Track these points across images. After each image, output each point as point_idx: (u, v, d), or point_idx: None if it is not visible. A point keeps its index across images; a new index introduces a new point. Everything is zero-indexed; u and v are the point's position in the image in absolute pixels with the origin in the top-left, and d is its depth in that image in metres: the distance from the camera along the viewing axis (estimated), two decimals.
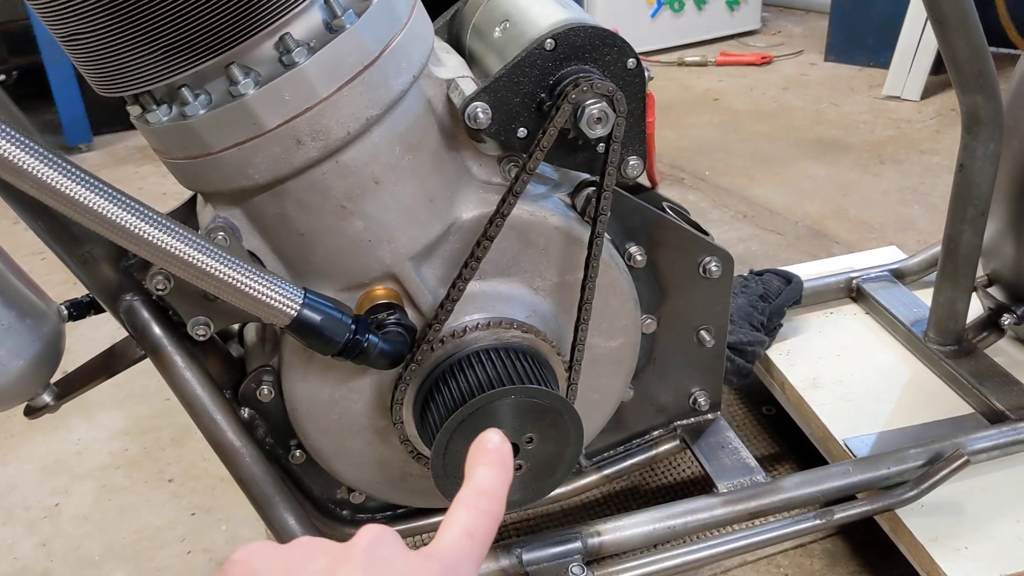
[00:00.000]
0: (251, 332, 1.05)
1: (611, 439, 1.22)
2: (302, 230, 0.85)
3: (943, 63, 1.18)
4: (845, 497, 1.16)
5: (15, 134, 0.68)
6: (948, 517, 1.14)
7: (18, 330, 0.83)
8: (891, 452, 1.18)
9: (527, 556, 1.06)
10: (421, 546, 0.42)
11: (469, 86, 0.88)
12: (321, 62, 0.77)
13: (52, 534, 1.44)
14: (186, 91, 0.77)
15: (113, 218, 0.72)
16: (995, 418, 1.27)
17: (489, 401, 0.88)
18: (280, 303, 0.80)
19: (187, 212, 0.97)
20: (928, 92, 3.03)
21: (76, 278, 0.90)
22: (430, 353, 0.93)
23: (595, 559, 1.10)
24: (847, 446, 1.25)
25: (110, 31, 0.73)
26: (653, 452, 1.23)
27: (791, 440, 1.48)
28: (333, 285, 0.89)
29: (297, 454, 1.05)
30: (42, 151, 0.69)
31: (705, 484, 1.20)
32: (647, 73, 0.92)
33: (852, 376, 1.40)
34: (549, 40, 0.87)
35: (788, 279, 1.48)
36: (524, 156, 0.88)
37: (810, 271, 1.59)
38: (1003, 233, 1.35)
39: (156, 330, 0.92)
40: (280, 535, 0.98)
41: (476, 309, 0.95)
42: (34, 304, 0.87)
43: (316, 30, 0.78)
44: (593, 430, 1.12)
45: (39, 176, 0.69)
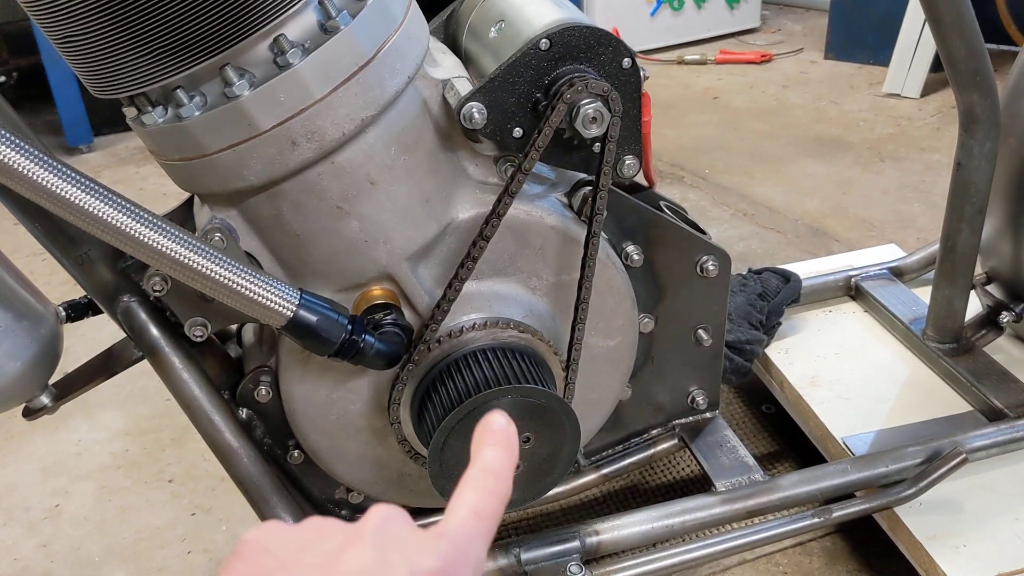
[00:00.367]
0: (249, 333, 1.05)
1: (609, 438, 1.22)
2: (298, 231, 0.86)
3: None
4: (844, 495, 1.16)
5: (11, 137, 0.69)
6: (946, 515, 1.14)
7: (15, 332, 0.84)
8: (889, 450, 1.18)
9: (525, 555, 1.06)
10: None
11: (465, 86, 0.88)
12: (316, 63, 0.77)
13: (52, 535, 1.44)
14: (181, 93, 0.77)
15: (109, 220, 0.72)
16: (993, 416, 1.27)
17: (486, 401, 0.88)
18: (276, 304, 0.80)
19: (184, 213, 0.97)
20: (928, 89, 3.02)
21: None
22: (427, 353, 0.93)
23: (593, 558, 1.10)
24: (845, 444, 1.25)
25: (104, 33, 0.74)
26: (651, 451, 1.23)
27: (790, 439, 1.48)
28: (330, 286, 0.90)
29: (295, 454, 1.05)
30: (38, 154, 0.70)
31: (703, 483, 1.20)
32: (642, 72, 0.92)
33: (851, 374, 1.40)
34: (544, 40, 0.87)
35: (787, 277, 1.48)
36: (520, 156, 0.88)
37: (809, 269, 1.59)
38: (1001, 231, 1.35)
39: (154, 331, 0.92)
40: None
41: (473, 309, 0.95)
42: (31, 306, 0.87)
43: (311, 31, 0.78)
44: (591, 429, 1.12)
45: (35, 179, 0.69)
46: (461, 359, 0.93)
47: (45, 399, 0.91)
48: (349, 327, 0.84)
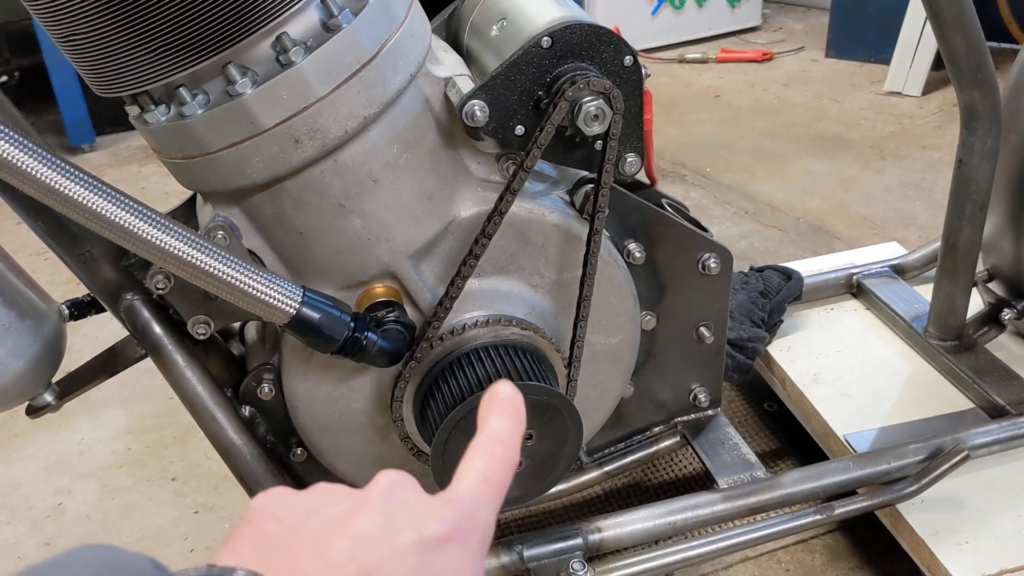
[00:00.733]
0: (251, 331, 1.06)
1: (612, 436, 1.22)
2: (301, 229, 0.86)
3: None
4: (846, 492, 1.16)
5: (13, 134, 0.69)
6: (949, 512, 1.14)
7: (18, 330, 0.84)
8: (891, 447, 1.18)
9: (528, 552, 1.06)
10: None
11: (467, 84, 0.88)
12: (318, 61, 0.77)
13: (56, 533, 1.44)
14: (184, 91, 0.78)
15: (113, 218, 0.72)
16: (995, 413, 1.27)
17: None
18: (279, 301, 0.80)
19: (187, 212, 0.97)
20: (929, 88, 3.02)
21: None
22: (429, 351, 0.93)
23: (596, 555, 1.10)
24: (847, 442, 1.25)
25: (107, 31, 0.74)
26: (654, 448, 1.24)
27: (792, 436, 1.48)
28: (332, 283, 0.90)
29: (298, 452, 1.05)
30: (41, 151, 0.70)
31: (706, 480, 1.20)
32: (644, 70, 0.92)
33: (852, 372, 1.40)
34: (546, 38, 0.87)
35: (788, 275, 1.48)
36: (522, 154, 0.88)
37: (811, 267, 1.60)
38: (1002, 228, 1.35)
39: (157, 329, 0.93)
40: None
41: (475, 307, 0.95)
42: (35, 304, 0.87)
43: (313, 29, 0.78)
44: (593, 427, 1.13)
45: (38, 177, 0.70)
46: (463, 356, 0.93)
47: (48, 397, 0.91)
48: (352, 324, 0.84)
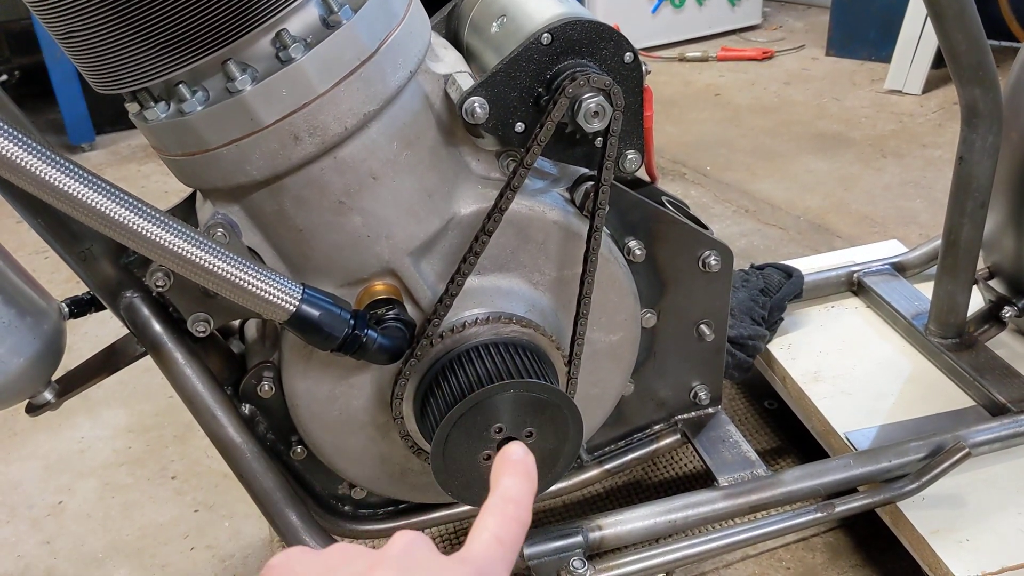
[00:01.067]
0: (251, 328, 1.05)
1: (612, 433, 1.22)
2: (300, 226, 0.86)
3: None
4: (846, 490, 1.16)
5: (13, 132, 0.69)
6: (949, 510, 1.14)
7: (18, 328, 0.84)
8: (892, 445, 1.18)
9: (528, 550, 1.06)
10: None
11: (467, 81, 0.88)
12: (318, 58, 0.77)
13: (56, 532, 1.44)
14: (183, 88, 0.77)
15: (112, 215, 0.72)
16: (996, 410, 1.27)
17: (489, 396, 0.88)
18: (279, 299, 0.80)
19: (187, 209, 0.97)
20: (930, 86, 3.02)
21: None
22: (429, 348, 0.93)
23: (596, 553, 1.10)
24: (848, 439, 1.25)
25: (107, 28, 0.74)
26: (654, 446, 1.24)
27: (792, 434, 1.48)
28: (332, 281, 0.90)
29: (298, 450, 1.05)
30: (41, 149, 0.70)
31: (706, 478, 1.20)
32: (644, 67, 0.92)
33: (853, 370, 1.40)
34: (546, 35, 0.87)
35: (789, 273, 1.48)
36: (522, 151, 0.88)
37: (811, 265, 1.59)
38: (1003, 226, 1.35)
39: (156, 327, 0.92)
40: (282, 531, 0.99)
41: (475, 304, 0.95)
42: (34, 302, 0.87)
43: (313, 26, 0.78)
44: (593, 424, 1.12)
45: (38, 174, 0.69)
46: (464, 354, 0.93)
47: (48, 395, 0.91)
48: (352, 322, 0.84)
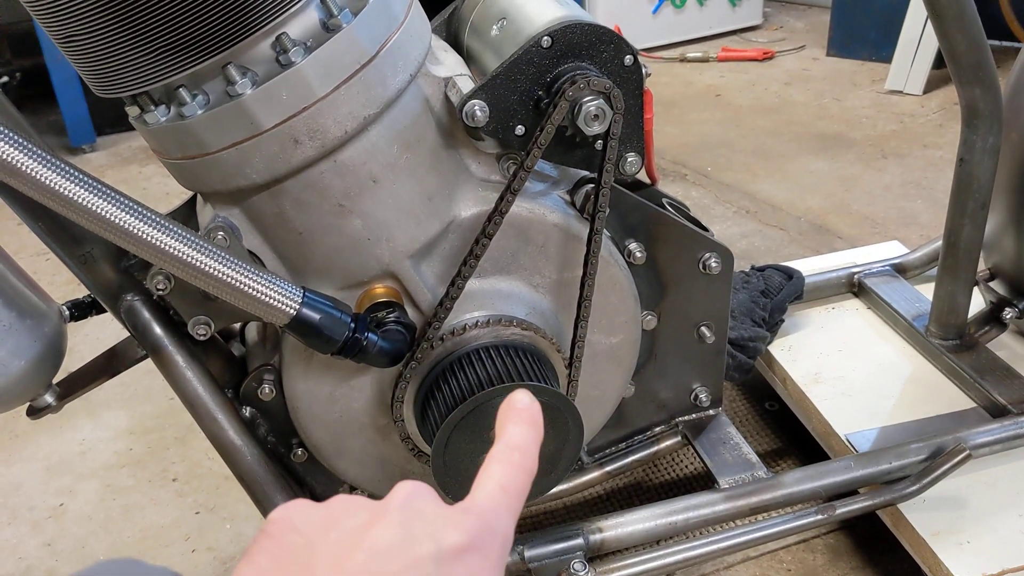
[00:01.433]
0: (252, 331, 1.05)
1: (613, 435, 1.22)
2: (301, 229, 0.86)
3: None
4: (847, 492, 1.16)
5: (13, 136, 0.69)
6: (950, 511, 1.14)
7: (19, 330, 0.84)
8: (893, 447, 1.18)
9: (529, 553, 1.06)
10: None
11: (467, 84, 0.88)
12: (318, 61, 0.77)
13: (57, 534, 1.44)
14: (184, 91, 0.77)
15: (113, 219, 0.72)
16: (997, 412, 1.27)
17: (489, 398, 0.88)
18: (279, 302, 0.80)
19: (187, 212, 0.97)
20: (931, 86, 3.02)
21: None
22: (430, 351, 0.93)
23: (597, 555, 1.10)
24: (849, 441, 1.25)
25: (107, 32, 0.74)
26: (655, 448, 1.23)
27: (793, 436, 1.48)
28: (332, 284, 0.90)
29: (299, 452, 1.05)
30: (40, 153, 0.70)
31: (707, 480, 1.20)
32: (644, 69, 0.92)
33: (854, 371, 1.40)
34: (546, 37, 0.87)
35: (789, 275, 1.48)
36: (522, 154, 0.88)
37: (812, 266, 1.59)
38: (1004, 227, 1.35)
39: (157, 330, 0.92)
40: None
41: (476, 307, 0.95)
42: (35, 304, 0.87)
43: (313, 29, 0.78)
44: (594, 427, 1.13)
45: (39, 178, 0.69)
46: (464, 357, 0.93)
47: (49, 398, 0.91)
48: (352, 325, 0.84)
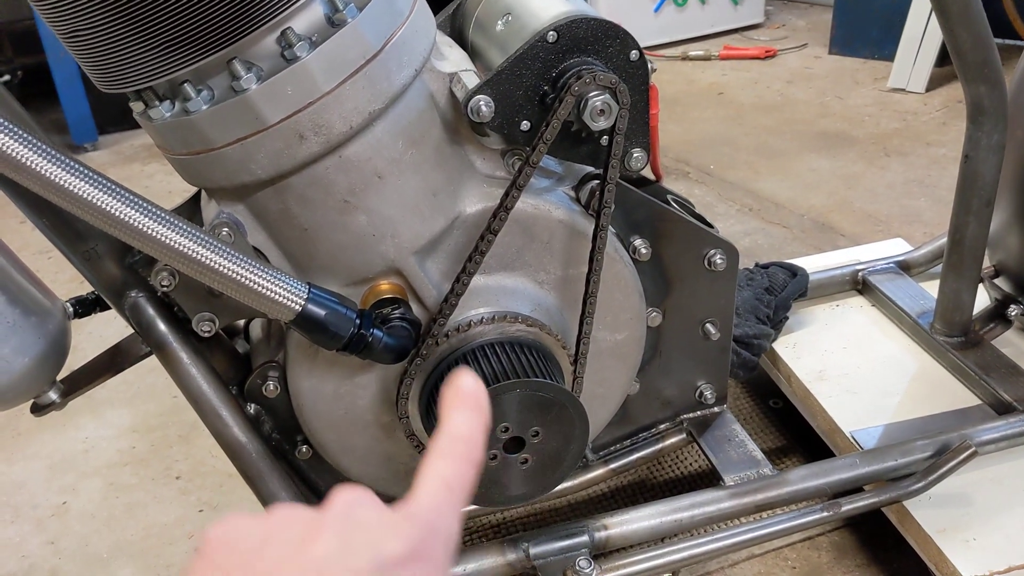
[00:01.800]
0: (256, 328, 1.05)
1: (617, 433, 1.22)
2: (305, 225, 0.85)
3: (948, 54, 1.17)
4: (852, 489, 1.15)
5: (19, 131, 0.68)
6: (956, 509, 1.14)
7: (23, 327, 0.84)
8: (898, 444, 1.18)
9: (534, 550, 1.06)
10: None
11: (472, 80, 0.88)
12: (323, 56, 0.77)
13: (60, 532, 1.44)
14: (188, 87, 0.77)
15: (118, 215, 0.72)
16: (1002, 409, 1.26)
17: (494, 395, 0.88)
18: (284, 298, 0.80)
19: (192, 208, 0.97)
20: (933, 84, 3.02)
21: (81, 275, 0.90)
22: (435, 348, 0.93)
23: (602, 553, 1.10)
24: (854, 438, 1.24)
25: (111, 27, 0.73)
26: (659, 446, 1.23)
27: (797, 433, 1.48)
28: (337, 280, 0.89)
29: (303, 449, 1.05)
30: (46, 148, 0.70)
31: (712, 477, 1.19)
32: (650, 65, 0.92)
33: (858, 368, 1.39)
34: (551, 32, 0.86)
35: (794, 272, 1.48)
36: (527, 149, 0.88)
37: (816, 264, 1.59)
38: (1009, 224, 1.35)
39: (161, 326, 0.92)
40: None
41: (480, 303, 0.95)
42: (39, 301, 0.87)
43: (318, 24, 0.78)
44: (599, 424, 1.12)
45: (43, 173, 0.69)
46: (469, 353, 0.93)
47: (53, 395, 0.91)
48: (357, 321, 0.84)
